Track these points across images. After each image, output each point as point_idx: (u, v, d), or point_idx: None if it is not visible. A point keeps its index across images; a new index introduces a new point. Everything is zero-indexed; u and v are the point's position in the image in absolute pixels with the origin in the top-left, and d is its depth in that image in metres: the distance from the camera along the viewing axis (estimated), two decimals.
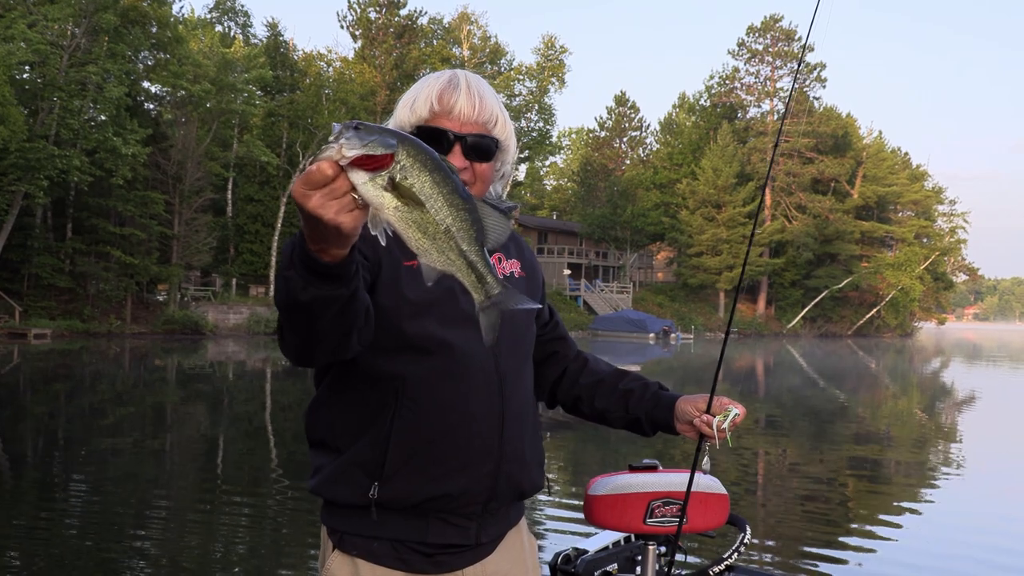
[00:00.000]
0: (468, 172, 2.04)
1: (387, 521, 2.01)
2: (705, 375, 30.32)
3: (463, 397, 2.00)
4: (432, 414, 1.99)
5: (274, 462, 12.22)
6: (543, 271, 2.37)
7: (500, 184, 2.23)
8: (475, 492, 2.04)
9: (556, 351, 2.45)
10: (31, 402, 19.08)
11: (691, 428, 2.28)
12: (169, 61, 46.27)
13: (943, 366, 45.59)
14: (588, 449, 14.10)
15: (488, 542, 2.13)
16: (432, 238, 1.44)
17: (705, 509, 2.77)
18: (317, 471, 2.10)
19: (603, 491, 2.75)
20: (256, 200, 56.92)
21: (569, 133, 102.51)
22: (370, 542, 2.02)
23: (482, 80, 2.13)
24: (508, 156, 2.16)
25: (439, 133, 2.02)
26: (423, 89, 2.08)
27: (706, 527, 2.81)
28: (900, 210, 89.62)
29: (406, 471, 1.99)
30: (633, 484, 2.75)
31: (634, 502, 2.73)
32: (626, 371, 2.44)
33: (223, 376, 26.90)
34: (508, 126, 2.13)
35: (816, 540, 8.29)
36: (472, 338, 1.97)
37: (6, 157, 36.83)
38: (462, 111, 2.03)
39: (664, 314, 69.60)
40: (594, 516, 2.76)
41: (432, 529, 2.03)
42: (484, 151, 2.06)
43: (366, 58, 65.93)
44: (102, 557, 7.27)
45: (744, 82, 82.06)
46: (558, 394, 2.47)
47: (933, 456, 14.33)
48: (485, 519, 2.10)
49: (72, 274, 44.22)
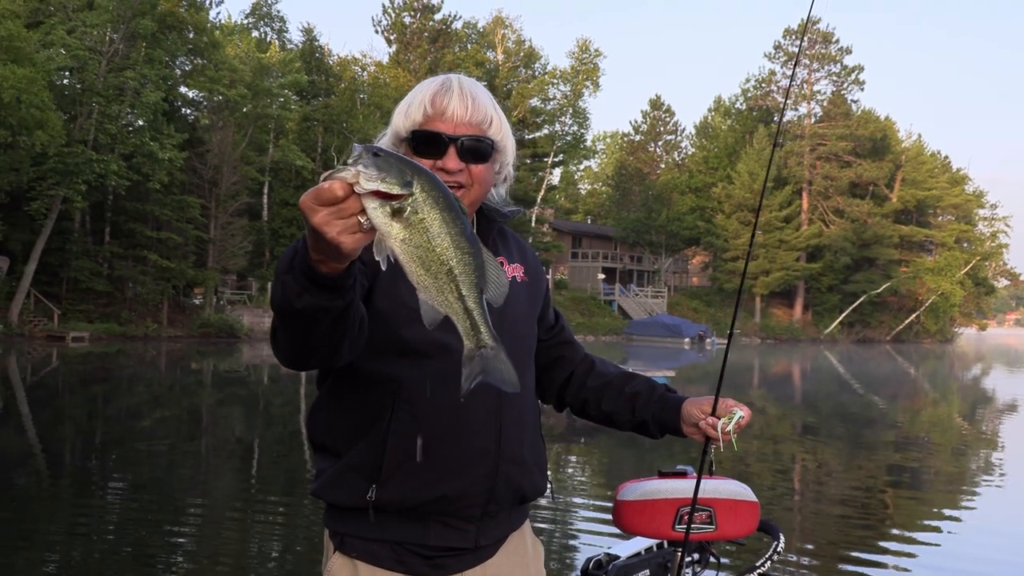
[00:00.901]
0: (464, 174, 2.03)
1: (386, 524, 2.03)
2: (740, 380, 30.10)
3: (459, 400, 1.93)
4: (428, 417, 2.00)
5: (308, 463, 12.20)
6: (577, 274, 2.35)
7: (504, 187, 2.22)
8: (473, 494, 2.04)
9: (562, 355, 2.46)
10: (69, 404, 19.24)
11: (697, 431, 2.29)
12: (206, 66, 46.60)
13: (984, 372, 44.99)
14: (619, 454, 14.00)
15: (488, 545, 2.13)
16: (434, 276, 1.44)
17: (735, 516, 2.73)
18: (319, 474, 2.11)
19: (632, 496, 2.73)
20: (291, 204, 57.05)
21: (604, 137, 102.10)
22: (370, 544, 2.04)
23: (476, 83, 2.12)
24: (506, 157, 2.14)
25: (433, 136, 2.02)
26: (417, 94, 2.07)
27: (736, 534, 2.77)
28: (940, 214, 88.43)
29: (403, 474, 2.00)
30: (662, 490, 2.71)
31: (663, 508, 2.70)
32: (633, 374, 2.45)
33: (258, 379, 27.01)
34: (504, 127, 2.10)
35: (853, 548, 8.16)
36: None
37: (45, 162, 37.24)
38: (455, 113, 2.02)
39: (699, 319, 69.10)
40: (623, 521, 2.75)
41: (431, 532, 2.04)
42: (479, 153, 2.04)
43: (400, 63, 66.07)
44: (139, 556, 7.32)
45: (780, 85, 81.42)
46: (566, 397, 2.48)
47: (973, 464, 14.12)
48: (485, 522, 2.10)
49: (110, 278, 44.61)
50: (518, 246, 2.32)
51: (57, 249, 42.38)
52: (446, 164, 2.00)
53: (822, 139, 77.65)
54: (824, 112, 79.37)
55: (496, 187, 2.18)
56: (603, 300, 71.81)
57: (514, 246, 2.29)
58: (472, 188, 2.05)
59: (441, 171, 1.98)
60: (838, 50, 79.59)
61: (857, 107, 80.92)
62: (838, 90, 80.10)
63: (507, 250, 2.25)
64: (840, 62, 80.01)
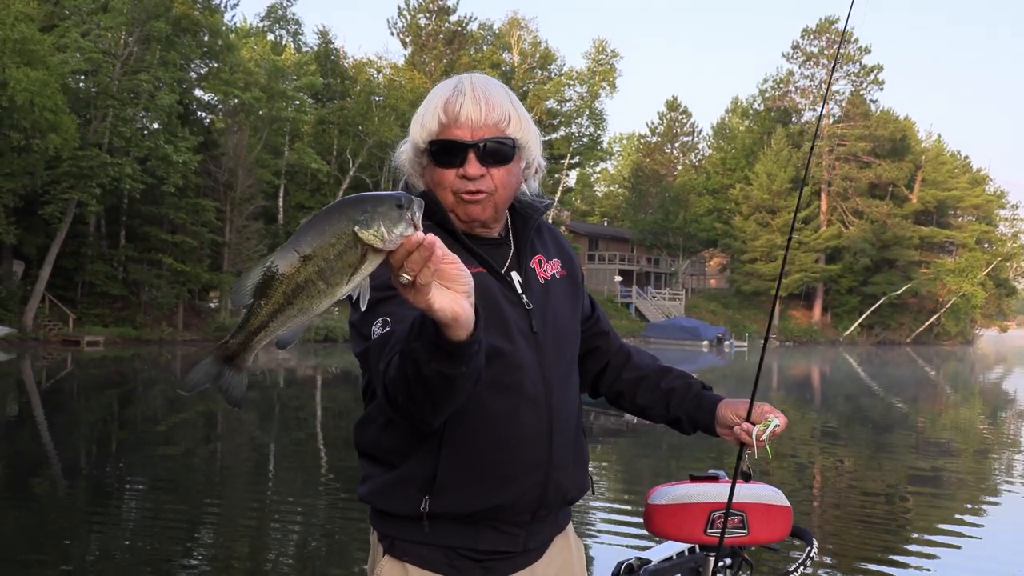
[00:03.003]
0: (487, 179, 1.99)
1: (438, 529, 2.01)
2: (760, 383, 29.81)
3: (513, 409, 1.99)
4: (482, 428, 1.97)
5: (324, 468, 12.24)
6: (594, 277, 2.28)
7: (535, 180, 2.18)
8: (526, 502, 2.04)
9: (598, 346, 2.44)
10: (84, 408, 19.22)
11: (731, 432, 2.31)
12: (220, 69, 46.57)
13: (1005, 374, 44.57)
14: (650, 458, 13.82)
15: (535, 548, 2.13)
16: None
17: (768, 521, 2.73)
18: (366, 479, 2.10)
19: (663, 500, 2.73)
20: (307, 207, 57.13)
21: (620, 139, 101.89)
22: (421, 548, 2.02)
23: (490, 80, 2.07)
24: (531, 152, 2.09)
25: (451, 144, 1.98)
26: (430, 102, 2.03)
27: (769, 539, 2.76)
28: (960, 215, 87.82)
29: (457, 484, 1.98)
30: (693, 494, 2.71)
31: (694, 512, 2.69)
32: (669, 368, 2.45)
33: (274, 383, 26.91)
34: (523, 122, 2.04)
35: (875, 551, 8.03)
36: (520, 347, 2.00)
37: (59, 165, 37.22)
38: (469, 117, 1.97)
39: (717, 321, 68.75)
40: (654, 525, 2.75)
41: (482, 537, 2.03)
42: (500, 155, 1.99)
43: (416, 64, 66.06)
44: (155, 560, 7.32)
45: (798, 85, 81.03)
46: (600, 387, 2.49)
47: (996, 466, 13.91)
48: (534, 526, 2.10)
49: (125, 281, 44.59)
50: (554, 240, 2.27)
51: (72, 253, 42.38)
52: (467, 171, 1.96)
53: (841, 140, 77.26)
54: (843, 112, 78.98)
55: (527, 181, 2.14)
56: (620, 303, 71.54)
57: (550, 241, 2.25)
58: (497, 193, 2.01)
59: (464, 179, 1.97)
60: (856, 50, 79.15)
61: (876, 107, 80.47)
62: (857, 90, 79.67)
63: (544, 247, 2.21)
64: (859, 62, 79.58)
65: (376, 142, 55.28)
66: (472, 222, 2.03)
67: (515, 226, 2.15)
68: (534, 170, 2.13)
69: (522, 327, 2.02)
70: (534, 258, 2.14)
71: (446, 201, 2.01)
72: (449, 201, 2.01)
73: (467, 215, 2.02)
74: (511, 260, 2.11)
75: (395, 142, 2.22)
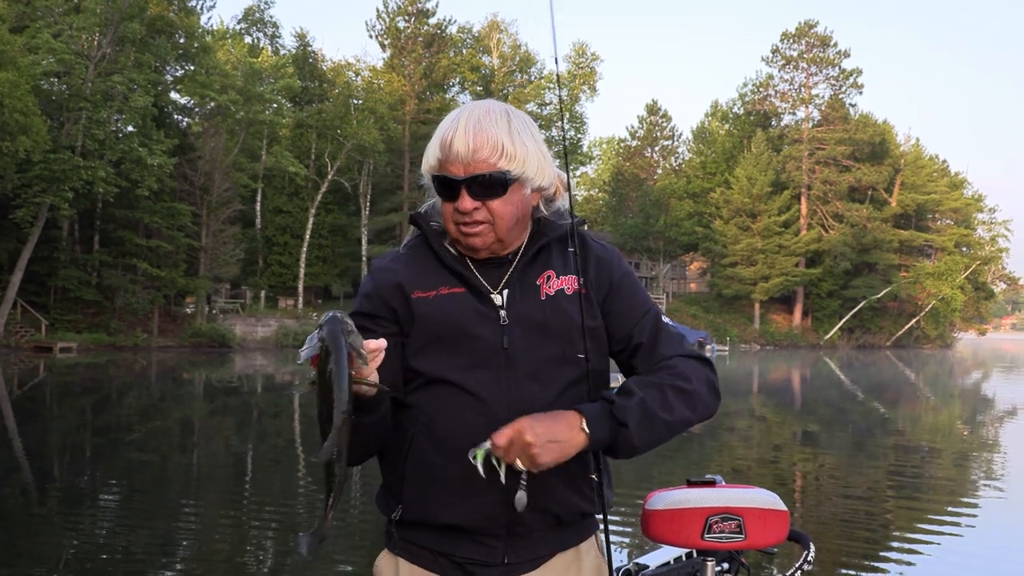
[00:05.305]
0: (482, 211, 2.01)
1: (418, 534, 2.10)
2: (741, 387, 29.78)
3: (463, 426, 2.01)
4: (438, 443, 2.03)
5: (301, 473, 12.09)
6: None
7: (559, 200, 2.18)
8: (491, 517, 2.04)
9: (634, 365, 2.26)
10: (57, 416, 18.97)
11: None
12: (196, 72, 46.27)
13: (984, 378, 44.73)
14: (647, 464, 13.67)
15: (519, 563, 2.10)
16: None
17: (764, 525, 2.68)
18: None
19: (660, 506, 2.69)
20: (285, 211, 56.97)
21: (600, 143, 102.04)
22: (410, 545, 2.12)
23: (490, 109, 2.05)
24: (537, 180, 2.07)
25: (446, 181, 2.01)
26: (435, 135, 2.06)
27: (766, 543, 2.72)
28: (939, 218, 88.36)
29: (419, 497, 2.07)
30: (691, 499, 2.67)
31: (691, 517, 2.64)
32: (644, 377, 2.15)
33: (251, 390, 26.65)
34: (519, 150, 2.01)
35: (855, 555, 7.98)
36: (479, 368, 2.03)
37: (30, 168, 36.83)
38: (458, 153, 1.98)
39: (698, 325, 68.77)
40: (651, 530, 2.71)
41: (459, 545, 2.07)
42: (492, 189, 2.00)
43: (395, 67, 65.86)
44: (130, 567, 7.25)
45: (778, 89, 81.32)
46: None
47: (975, 470, 13.90)
48: (514, 540, 2.08)
49: (99, 287, 44.24)
50: (582, 257, 2.17)
51: (44, 258, 42.00)
52: (460, 206, 1.99)
53: (820, 143, 77.53)
54: (822, 116, 79.29)
55: (550, 202, 2.16)
56: None
57: (570, 258, 2.17)
58: (496, 223, 2.02)
59: (458, 212, 2.01)
60: (836, 53, 79.49)
61: (855, 111, 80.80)
62: (836, 94, 79.98)
63: (559, 263, 2.16)
64: (838, 65, 79.90)
65: (355, 145, 55.09)
66: (475, 251, 2.06)
67: (529, 244, 2.14)
68: (553, 190, 2.14)
69: (492, 344, 2.03)
70: (543, 274, 2.13)
71: (450, 231, 2.06)
72: (452, 232, 2.05)
73: (468, 245, 2.05)
74: (509, 277, 2.10)
75: (373, 145, 2.04)
